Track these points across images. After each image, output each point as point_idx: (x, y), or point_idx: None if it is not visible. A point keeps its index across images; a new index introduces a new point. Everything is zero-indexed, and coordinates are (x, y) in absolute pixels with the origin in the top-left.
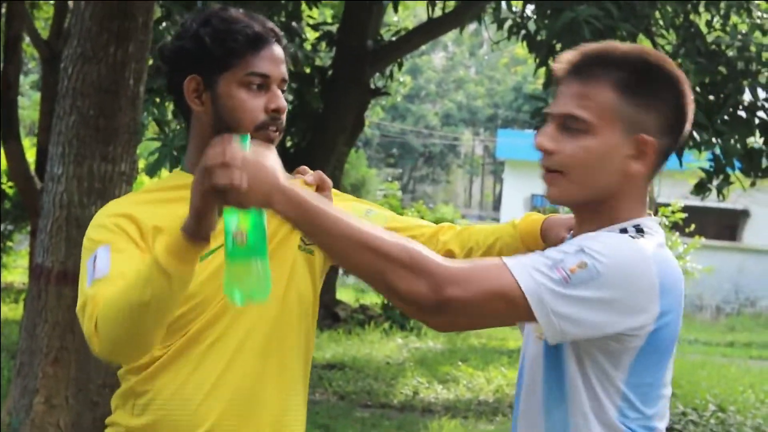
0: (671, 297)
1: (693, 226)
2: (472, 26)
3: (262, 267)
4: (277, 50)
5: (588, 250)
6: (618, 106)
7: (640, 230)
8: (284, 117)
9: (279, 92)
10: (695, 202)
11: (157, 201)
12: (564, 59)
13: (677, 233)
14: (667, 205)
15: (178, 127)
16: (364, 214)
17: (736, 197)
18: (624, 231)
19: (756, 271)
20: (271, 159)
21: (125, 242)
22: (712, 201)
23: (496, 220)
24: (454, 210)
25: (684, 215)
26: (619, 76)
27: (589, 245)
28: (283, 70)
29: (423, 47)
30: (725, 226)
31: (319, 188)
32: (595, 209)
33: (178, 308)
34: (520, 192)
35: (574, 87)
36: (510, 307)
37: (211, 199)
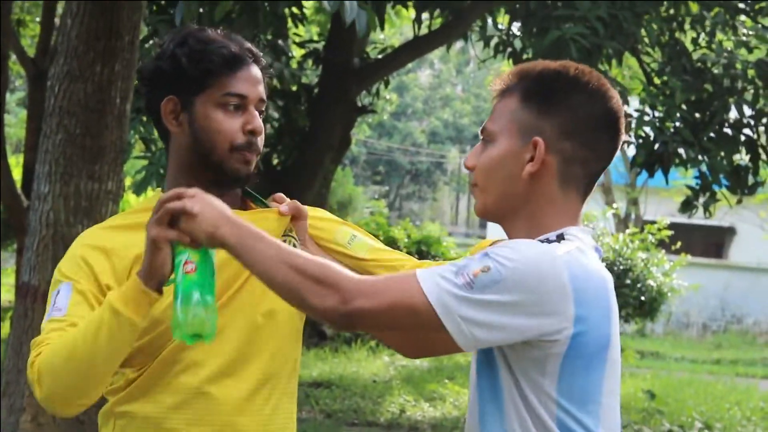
0: (589, 301)
1: (679, 244)
2: (458, 44)
3: (211, 305)
4: (255, 71)
5: (493, 254)
6: (517, 113)
7: (561, 237)
8: (261, 138)
9: (256, 113)
10: (682, 219)
11: (140, 225)
12: (494, 81)
13: (663, 251)
14: (653, 222)
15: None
16: (348, 239)
17: (722, 215)
18: (546, 240)
19: (742, 288)
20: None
21: (87, 283)
22: (698, 218)
23: (483, 237)
24: (441, 228)
25: (670, 232)
26: (524, 87)
27: (496, 251)
28: (261, 91)
29: (410, 65)
30: (712, 243)
31: (295, 218)
32: (516, 222)
33: (128, 351)
34: None
35: (494, 105)
36: (417, 315)
37: (164, 234)
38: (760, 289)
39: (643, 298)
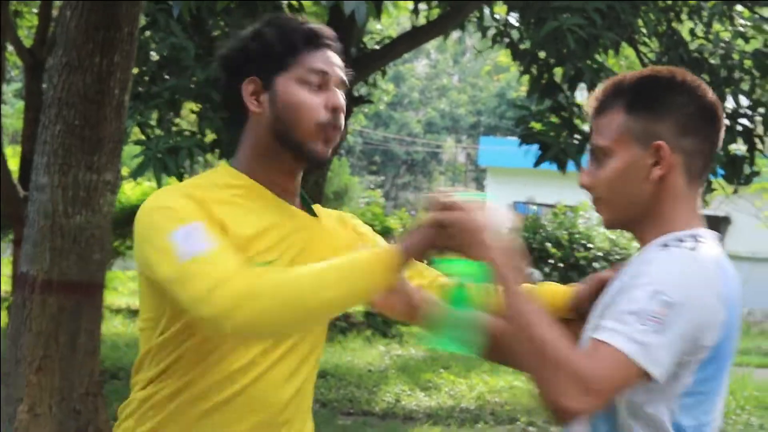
0: (735, 305)
1: None
2: (455, 34)
3: (476, 321)
4: (334, 56)
5: (659, 287)
6: (628, 124)
7: (695, 238)
8: (343, 117)
9: (339, 92)
10: None
11: (213, 200)
12: (590, 100)
13: None
14: None
15: (162, 132)
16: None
17: (717, 204)
18: (680, 241)
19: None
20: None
21: (213, 228)
22: None
23: None
24: None
25: None
26: (626, 100)
27: (657, 282)
28: (342, 73)
29: (406, 55)
30: None
31: None
32: (646, 224)
33: None
34: (503, 199)
35: (595, 122)
36: (634, 378)
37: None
38: (754, 279)
39: None
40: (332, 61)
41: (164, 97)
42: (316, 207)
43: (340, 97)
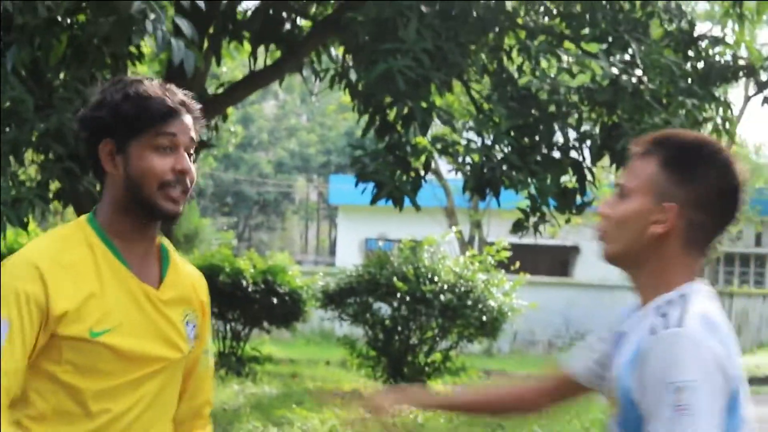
0: (733, 357)
1: (518, 264)
2: (298, 76)
3: None
4: (187, 119)
5: (677, 382)
6: (656, 178)
7: (683, 298)
8: (191, 178)
9: (186, 155)
10: (528, 240)
11: (70, 265)
12: (638, 142)
13: (503, 271)
14: (491, 243)
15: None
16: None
17: (565, 234)
18: (668, 302)
19: (585, 304)
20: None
21: (24, 325)
22: (544, 239)
23: (332, 264)
24: (289, 256)
25: (508, 254)
26: (665, 154)
27: (672, 377)
28: (192, 136)
29: (253, 97)
30: (558, 262)
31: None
32: (641, 274)
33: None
34: (355, 236)
35: (632, 162)
36: None
37: None
38: (602, 305)
39: (484, 318)
40: (184, 125)
41: (5, 150)
42: (178, 264)
43: (186, 160)
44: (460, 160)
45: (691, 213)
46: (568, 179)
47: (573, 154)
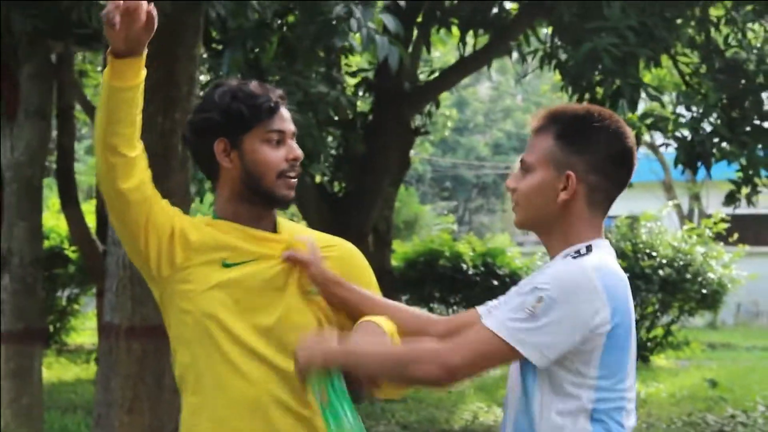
0: (619, 297)
1: (736, 235)
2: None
3: (350, 414)
4: (285, 112)
5: (538, 285)
6: (553, 150)
7: (589, 248)
8: (299, 163)
9: (294, 144)
10: (749, 210)
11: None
12: (532, 119)
13: (722, 243)
14: (710, 216)
15: None
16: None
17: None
18: (577, 252)
19: None
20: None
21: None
22: (763, 208)
23: None
24: (510, 238)
25: (726, 225)
26: (559, 128)
27: (538, 280)
28: (292, 126)
29: (467, 80)
30: None
31: (306, 264)
32: (553, 238)
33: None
34: None
35: (530, 139)
36: (501, 355)
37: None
38: None
39: (704, 291)
40: (285, 118)
41: None
42: (288, 225)
43: (297, 149)
44: (669, 134)
45: (589, 178)
46: None
47: None
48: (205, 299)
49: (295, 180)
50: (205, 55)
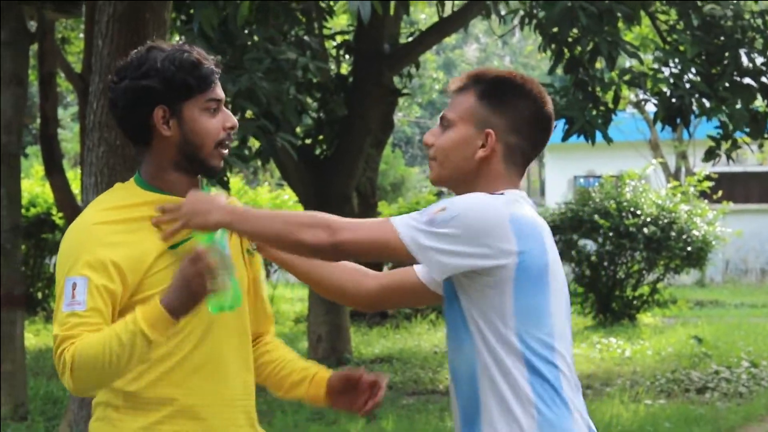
0: (527, 236)
1: (721, 192)
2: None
3: (229, 280)
4: (218, 83)
5: (447, 201)
6: (474, 108)
7: (503, 195)
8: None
9: (228, 111)
10: (736, 168)
11: (125, 227)
12: (454, 79)
13: (706, 201)
14: (694, 174)
15: None
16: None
17: None
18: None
19: None
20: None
21: (102, 278)
22: (754, 166)
23: (542, 205)
24: None
25: (710, 183)
26: (481, 88)
27: (452, 198)
28: (223, 95)
29: (454, 41)
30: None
31: None
32: (468, 190)
33: None
34: (563, 175)
35: (452, 97)
36: (393, 249)
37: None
38: None
39: (689, 248)
40: (220, 86)
41: None
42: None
43: (231, 117)
44: (648, 91)
45: (508, 137)
46: (759, 104)
47: (764, 79)
48: (167, 282)
49: (229, 149)
50: (178, 23)
